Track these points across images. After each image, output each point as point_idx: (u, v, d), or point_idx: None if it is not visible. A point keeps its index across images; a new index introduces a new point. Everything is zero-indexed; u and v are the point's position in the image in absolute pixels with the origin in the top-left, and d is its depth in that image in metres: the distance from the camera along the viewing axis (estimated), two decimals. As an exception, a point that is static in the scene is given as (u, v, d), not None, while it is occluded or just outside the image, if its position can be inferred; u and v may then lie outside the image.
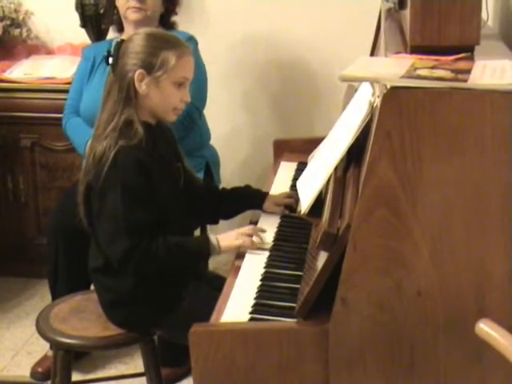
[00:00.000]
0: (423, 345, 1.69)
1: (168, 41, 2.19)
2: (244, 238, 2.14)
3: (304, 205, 2.09)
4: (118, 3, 2.96)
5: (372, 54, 2.63)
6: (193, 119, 2.88)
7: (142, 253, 2.07)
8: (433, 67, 1.71)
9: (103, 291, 2.28)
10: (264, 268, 2.03)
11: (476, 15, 1.79)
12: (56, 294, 2.85)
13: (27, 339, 3.11)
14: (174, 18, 3.09)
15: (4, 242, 3.49)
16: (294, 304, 1.80)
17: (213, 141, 3.17)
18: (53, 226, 2.92)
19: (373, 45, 2.67)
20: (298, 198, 2.18)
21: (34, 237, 3.48)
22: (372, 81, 1.86)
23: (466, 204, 1.62)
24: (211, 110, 3.10)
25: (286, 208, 2.36)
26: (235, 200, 2.40)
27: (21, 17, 3.58)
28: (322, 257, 1.75)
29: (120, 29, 3.07)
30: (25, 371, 2.91)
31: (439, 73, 1.66)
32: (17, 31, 3.56)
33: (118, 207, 2.07)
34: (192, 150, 2.84)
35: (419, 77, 1.63)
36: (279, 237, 2.21)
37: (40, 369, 2.90)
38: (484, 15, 2.06)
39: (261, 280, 1.97)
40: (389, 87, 1.59)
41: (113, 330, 2.23)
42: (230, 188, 2.45)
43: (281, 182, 2.58)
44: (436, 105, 1.58)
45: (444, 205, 1.62)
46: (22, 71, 3.43)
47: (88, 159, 2.17)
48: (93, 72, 2.98)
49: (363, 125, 1.91)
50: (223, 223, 2.48)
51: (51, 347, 2.59)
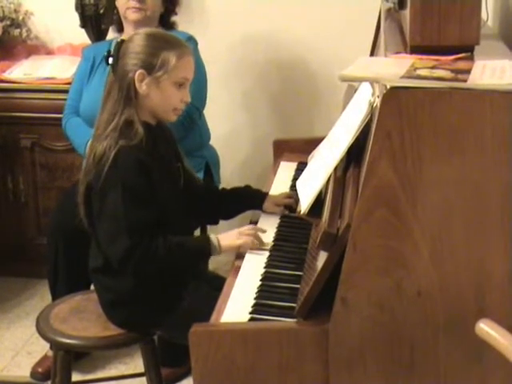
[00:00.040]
0: (423, 345, 1.69)
1: (168, 41, 2.19)
2: (245, 238, 2.14)
3: (304, 205, 2.09)
4: (118, 3, 2.96)
5: (372, 54, 2.62)
6: (193, 119, 2.88)
7: (143, 252, 2.07)
8: (433, 67, 1.71)
9: (103, 291, 2.28)
10: (264, 268, 2.03)
11: (476, 15, 1.79)
12: (56, 294, 2.85)
13: (27, 339, 3.11)
14: (174, 18, 3.10)
15: (4, 242, 3.49)
16: (294, 304, 1.80)
17: (213, 141, 3.17)
18: (53, 226, 2.92)
19: (373, 45, 2.66)
20: (298, 198, 2.18)
21: (34, 237, 3.48)
22: (372, 81, 1.86)
23: (466, 204, 1.62)
24: (211, 110, 3.10)
25: (286, 208, 2.36)
26: (235, 200, 2.40)
27: (21, 17, 3.57)
28: (322, 257, 1.75)
29: (120, 29, 3.07)
30: (25, 371, 2.91)
31: (439, 73, 1.66)
32: (17, 31, 3.56)
33: (119, 207, 2.07)
34: (192, 150, 2.84)
35: (419, 77, 1.63)
36: (279, 237, 2.20)
37: (40, 369, 2.90)
38: (484, 15, 2.06)
39: (261, 280, 1.97)
40: (389, 87, 1.59)
41: (113, 330, 2.23)
42: (230, 188, 2.45)
43: (281, 182, 2.58)
44: (436, 105, 1.58)
45: (444, 205, 1.62)
46: (22, 71, 3.43)
47: (88, 159, 2.17)
48: (92, 72, 2.98)
49: (363, 125, 1.90)
50: (223, 223, 2.48)
51: (51, 347, 2.59)
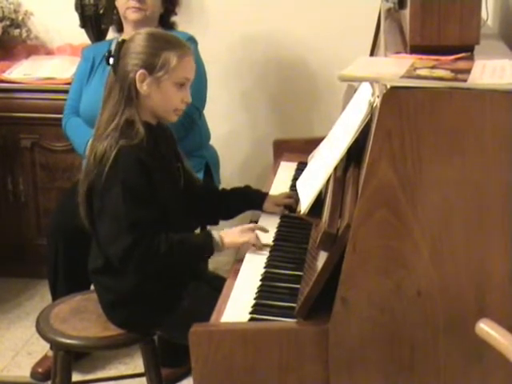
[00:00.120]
0: (423, 345, 1.69)
1: (169, 41, 2.19)
2: (248, 235, 2.14)
3: (304, 205, 2.09)
4: (118, 3, 2.96)
5: (372, 54, 2.62)
6: (193, 119, 2.88)
7: (144, 250, 2.06)
8: (433, 67, 1.71)
9: (103, 291, 2.28)
10: (264, 268, 2.03)
11: (476, 15, 1.79)
12: (56, 295, 2.85)
13: (27, 339, 3.11)
14: (174, 19, 3.10)
15: (4, 243, 3.49)
16: (294, 304, 1.80)
17: (212, 141, 3.17)
18: (53, 227, 2.92)
19: (372, 45, 2.66)
20: (298, 198, 2.18)
21: (34, 237, 3.48)
22: (372, 81, 1.86)
23: (466, 204, 1.62)
24: (211, 110, 3.10)
25: (286, 208, 2.36)
26: (235, 200, 2.40)
27: (20, 17, 3.57)
28: (322, 257, 1.75)
29: (120, 29, 3.07)
30: (25, 371, 2.91)
31: (439, 72, 1.66)
32: (16, 31, 3.56)
33: (120, 206, 2.07)
34: (192, 150, 2.84)
35: (419, 77, 1.63)
36: (279, 237, 2.20)
37: (40, 369, 2.90)
38: (484, 15, 2.06)
39: (261, 280, 1.97)
40: (388, 87, 1.59)
41: (113, 331, 2.23)
42: (230, 188, 2.45)
43: (281, 182, 2.57)
44: (436, 105, 1.58)
45: (444, 205, 1.62)
46: (22, 71, 3.42)
47: (89, 159, 2.17)
48: (92, 72, 2.98)
49: (363, 125, 1.90)
50: (223, 223, 2.48)
51: (51, 347, 2.59)
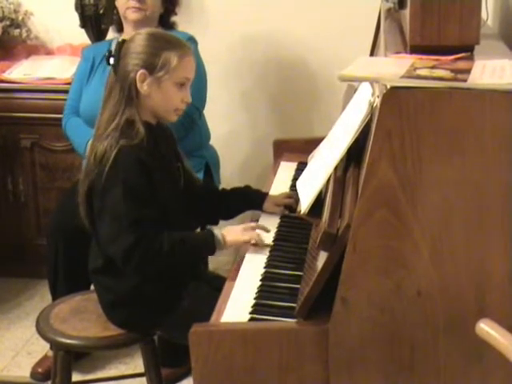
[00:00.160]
0: (423, 345, 1.69)
1: (169, 41, 2.19)
2: (251, 233, 2.14)
3: (304, 205, 2.09)
4: (118, 3, 2.96)
5: (372, 54, 2.62)
6: (193, 119, 2.88)
7: (146, 249, 2.06)
8: (432, 67, 1.71)
9: (103, 291, 2.28)
10: (264, 268, 2.03)
11: (476, 15, 1.79)
12: (56, 295, 2.85)
13: (27, 339, 3.11)
14: (174, 19, 3.10)
15: (4, 243, 3.49)
16: (294, 304, 1.80)
17: (212, 141, 3.17)
18: (53, 227, 2.92)
19: (372, 45, 2.66)
20: (298, 198, 2.18)
21: (34, 237, 3.48)
22: (372, 81, 1.86)
23: (466, 204, 1.62)
24: (211, 110, 3.10)
25: (286, 208, 2.35)
26: (235, 200, 2.40)
27: (20, 17, 3.57)
28: (322, 257, 1.75)
29: (120, 29, 3.07)
30: (25, 371, 2.91)
31: (439, 72, 1.66)
32: (16, 31, 3.56)
33: (121, 205, 2.06)
34: (192, 150, 2.84)
35: (419, 77, 1.63)
36: (279, 237, 2.20)
37: (40, 369, 2.90)
38: (484, 15, 2.06)
39: (261, 280, 1.97)
40: (388, 87, 1.59)
41: (113, 331, 2.23)
42: (230, 188, 2.45)
43: (281, 182, 2.57)
44: (436, 105, 1.58)
45: (444, 205, 1.62)
46: (22, 71, 3.42)
47: (89, 159, 2.17)
48: (92, 72, 2.98)
49: (363, 125, 1.90)
50: (223, 224, 2.48)
51: (51, 347, 2.59)
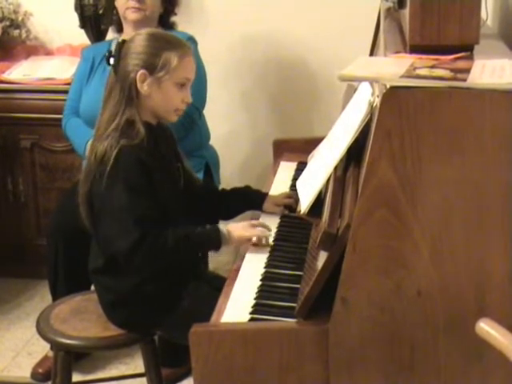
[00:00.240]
0: (423, 345, 1.69)
1: (170, 41, 2.19)
2: (256, 230, 2.14)
3: (304, 205, 2.09)
4: (118, 3, 2.96)
5: (371, 54, 2.62)
6: (193, 119, 2.88)
7: (150, 245, 2.05)
8: (432, 66, 1.71)
9: (103, 292, 2.28)
10: (264, 268, 2.03)
11: (475, 14, 1.79)
12: (56, 295, 2.85)
13: (28, 340, 3.11)
14: (174, 19, 3.09)
15: (4, 243, 3.49)
16: (294, 304, 1.80)
17: (212, 141, 3.17)
18: (53, 227, 2.92)
19: (372, 44, 2.66)
20: (298, 198, 2.18)
21: (34, 238, 3.47)
22: (371, 80, 1.86)
23: (466, 204, 1.62)
24: (211, 110, 3.10)
25: (286, 208, 2.35)
26: (235, 200, 2.40)
27: (20, 18, 3.57)
28: (322, 257, 1.75)
29: (119, 29, 3.07)
30: (25, 372, 2.91)
31: (439, 72, 1.66)
32: (16, 32, 3.56)
33: (123, 203, 2.06)
34: (192, 151, 2.84)
35: (419, 76, 1.63)
36: (279, 237, 2.20)
37: (40, 369, 2.90)
38: (483, 14, 2.06)
39: (261, 280, 1.97)
40: (388, 87, 1.59)
41: (113, 331, 2.23)
42: (230, 188, 2.45)
43: (280, 182, 2.57)
44: (435, 104, 1.58)
45: (444, 205, 1.62)
46: (22, 72, 3.42)
47: (89, 159, 2.17)
48: (92, 73, 2.98)
49: (363, 125, 1.90)
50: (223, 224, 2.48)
51: (52, 348, 2.59)
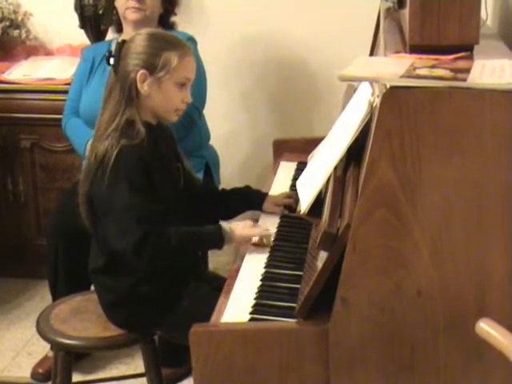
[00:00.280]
0: (423, 345, 1.69)
1: (170, 41, 2.18)
2: (258, 228, 2.15)
3: (304, 205, 2.09)
4: (117, 3, 2.96)
5: (371, 54, 2.62)
6: (193, 119, 2.88)
7: (155, 243, 2.04)
8: (432, 66, 1.71)
9: (103, 292, 2.28)
10: (264, 268, 2.03)
11: (475, 14, 1.79)
12: (56, 295, 2.85)
13: (28, 340, 3.11)
14: (174, 19, 3.09)
15: (4, 243, 3.49)
16: (294, 304, 1.80)
17: (212, 141, 3.17)
18: (53, 227, 2.92)
19: (372, 44, 2.66)
20: (298, 198, 2.18)
21: (34, 238, 3.47)
22: (371, 80, 1.86)
23: (466, 204, 1.62)
24: (211, 110, 3.10)
25: (286, 208, 2.35)
26: (235, 200, 2.40)
27: (20, 18, 3.57)
28: (322, 257, 1.75)
29: (119, 29, 3.07)
30: (25, 372, 2.91)
31: (438, 72, 1.66)
32: (16, 32, 3.56)
33: (126, 203, 2.06)
34: (191, 151, 2.84)
35: (419, 76, 1.63)
36: (279, 237, 2.20)
37: (40, 369, 2.90)
38: (483, 14, 2.06)
39: (261, 280, 1.97)
40: (388, 87, 1.59)
41: (113, 331, 2.23)
42: (230, 188, 2.45)
43: (280, 182, 2.57)
44: (435, 104, 1.58)
45: (444, 205, 1.62)
46: (21, 72, 3.42)
47: (89, 159, 2.16)
48: (92, 73, 2.98)
49: (363, 124, 1.90)
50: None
51: (52, 348, 2.59)
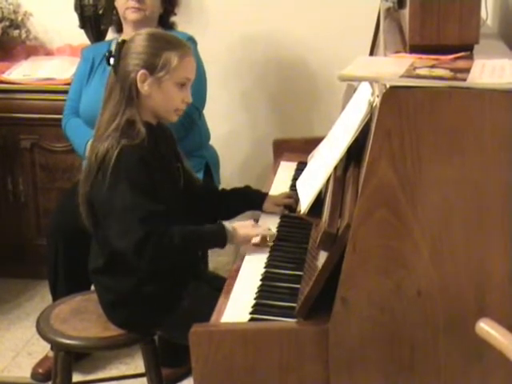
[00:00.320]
0: (423, 345, 1.69)
1: (170, 41, 2.18)
2: (260, 228, 2.15)
3: (304, 205, 2.09)
4: (117, 4, 2.96)
5: (371, 54, 2.62)
6: (193, 119, 2.88)
7: (157, 242, 2.04)
8: (432, 66, 1.71)
9: (103, 292, 2.28)
10: (264, 268, 2.03)
11: (475, 14, 1.79)
12: (56, 295, 2.85)
13: (28, 340, 3.11)
14: (173, 19, 3.09)
15: (4, 243, 3.49)
16: (294, 304, 1.80)
17: (212, 141, 3.17)
18: (53, 227, 2.92)
19: (372, 44, 2.66)
20: (298, 198, 2.18)
21: (34, 238, 3.47)
22: (371, 80, 1.86)
23: (466, 204, 1.62)
24: (211, 110, 3.10)
25: (286, 208, 2.35)
26: (235, 200, 2.40)
27: (20, 18, 3.57)
28: (322, 257, 1.75)
29: (119, 29, 3.07)
30: (25, 372, 2.91)
31: (438, 72, 1.66)
32: (16, 32, 3.56)
33: (127, 203, 2.05)
34: (191, 151, 2.84)
35: (418, 76, 1.63)
36: (279, 237, 2.20)
37: (41, 370, 2.90)
38: (483, 14, 2.06)
39: (261, 280, 1.97)
40: (388, 87, 1.59)
41: (113, 331, 2.23)
42: (230, 188, 2.45)
43: (280, 182, 2.57)
44: (435, 104, 1.58)
45: (444, 205, 1.62)
46: (21, 72, 3.42)
47: (90, 160, 2.16)
48: (92, 73, 2.98)
49: (363, 124, 1.90)
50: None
51: (52, 348, 2.59)
